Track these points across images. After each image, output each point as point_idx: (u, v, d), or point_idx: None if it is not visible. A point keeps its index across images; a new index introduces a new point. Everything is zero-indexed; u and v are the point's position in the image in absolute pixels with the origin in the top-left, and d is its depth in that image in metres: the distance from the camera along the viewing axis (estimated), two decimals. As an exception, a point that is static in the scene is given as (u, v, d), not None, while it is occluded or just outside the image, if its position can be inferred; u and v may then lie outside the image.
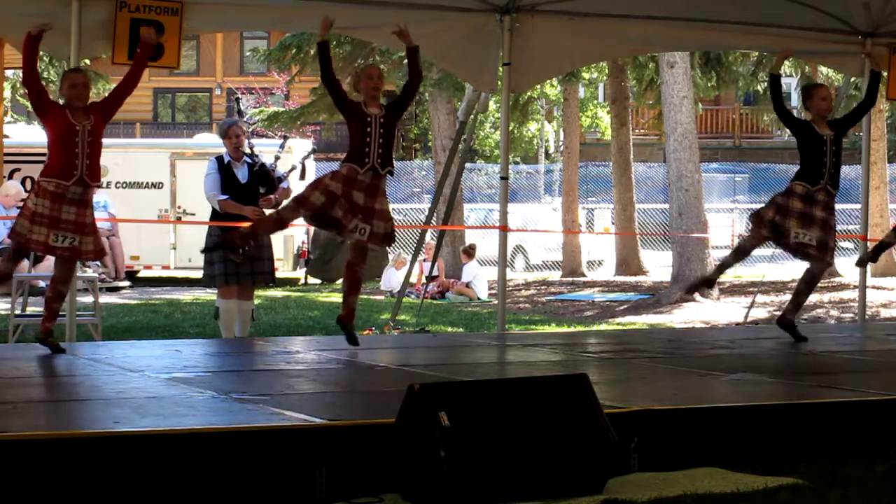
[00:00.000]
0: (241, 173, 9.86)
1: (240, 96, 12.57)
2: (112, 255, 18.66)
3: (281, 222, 8.50)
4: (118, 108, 7.97)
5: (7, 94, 23.88)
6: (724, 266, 9.51)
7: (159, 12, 9.07)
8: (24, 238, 7.69)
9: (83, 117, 7.70)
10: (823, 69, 21.41)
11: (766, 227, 8.88)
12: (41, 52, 8.22)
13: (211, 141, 22.15)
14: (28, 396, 6.21)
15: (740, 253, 9.29)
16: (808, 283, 9.17)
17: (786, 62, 21.70)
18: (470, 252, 19.46)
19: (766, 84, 22.27)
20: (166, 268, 21.66)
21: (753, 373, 7.25)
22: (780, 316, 9.41)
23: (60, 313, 10.72)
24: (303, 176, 11.26)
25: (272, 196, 10.02)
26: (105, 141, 7.97)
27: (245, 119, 10.63)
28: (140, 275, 21.56)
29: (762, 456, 5.80)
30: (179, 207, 21.44)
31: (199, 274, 10.34)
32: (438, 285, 18.93)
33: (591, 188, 34.67)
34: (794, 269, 22.82)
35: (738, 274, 23.38)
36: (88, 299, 12.92)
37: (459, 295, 18.85)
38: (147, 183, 21.42)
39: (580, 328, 13.80)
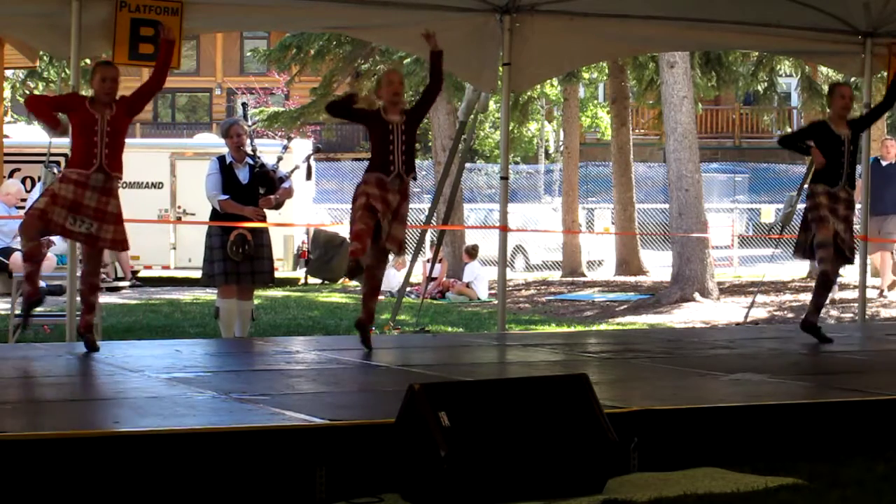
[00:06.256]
0: (243, 174, 9.89)
1: (246, 101, 12.57)
2: (117, 257, 18.65)
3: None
4: (142, 106, 8.15)
5: (7, 94, 23.88)
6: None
7: (159, 12, 9.07)
8: (42, 214, 7.76)
9: (106, 109, 7.86)
10: (823, 69, 21.41)
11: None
12: (41, 53, 8.24)
13: (211, 141, 22.15)
14: (28, 396, 6.21)
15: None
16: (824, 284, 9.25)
17: (786, 62, 21.77)
18: (472, 252, 19.44)
19: (765, 84, 22.33)
20: (166, 268, 21.66)
21: (753, 373, 7.25)
22: (803, 319, 9.36)
23: (60, 313, 10.75)
24: (309, 176, 11.26)
25: (272, 196, 10.04)
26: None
27: (248, 123, 10.61)
28: (140, 275, 21.56)
29: (762, 456, 5.80)
30: (179, 207, 21.45)
31: (199, 274, 10.34)
32: (438, 285, 18.92)
33: (591, 188, 34.69)
34: (794, 269, 22.87)
35: (737, 274, 23.40)
36: (88, 299, 12.89)
37: (459, 295, 18.83)
38: (147, 183, 21.41)
39: (580, 328, 13.79)
